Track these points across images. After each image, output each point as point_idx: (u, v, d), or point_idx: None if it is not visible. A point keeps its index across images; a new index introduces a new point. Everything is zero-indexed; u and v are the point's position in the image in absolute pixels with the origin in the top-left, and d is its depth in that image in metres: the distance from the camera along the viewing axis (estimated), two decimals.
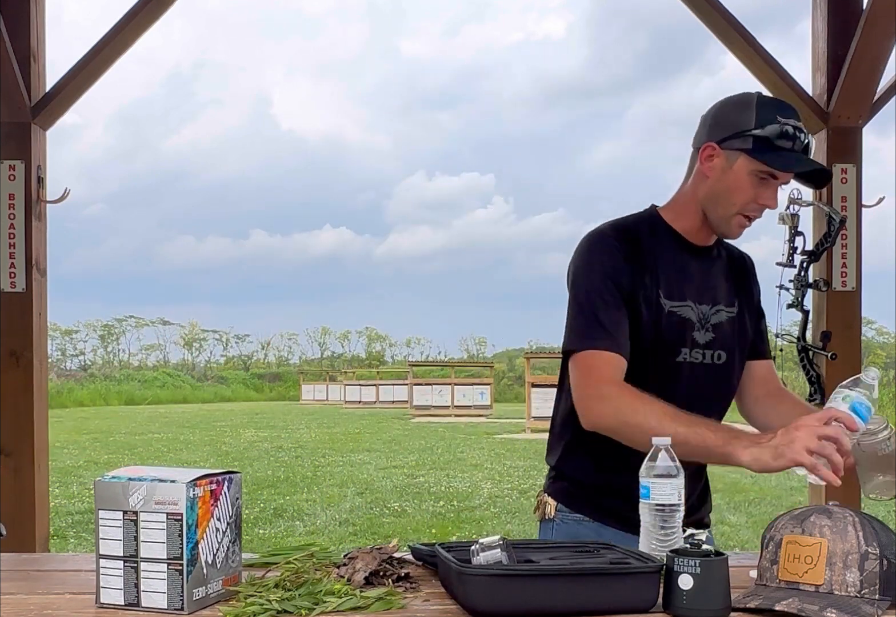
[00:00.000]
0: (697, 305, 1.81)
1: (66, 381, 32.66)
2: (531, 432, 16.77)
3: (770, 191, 1.73)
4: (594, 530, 1.82)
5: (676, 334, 1.79)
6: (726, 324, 1.84)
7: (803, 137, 1.70)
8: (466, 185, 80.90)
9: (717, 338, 1.82)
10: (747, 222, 1.77)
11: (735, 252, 1.95)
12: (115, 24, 3.60)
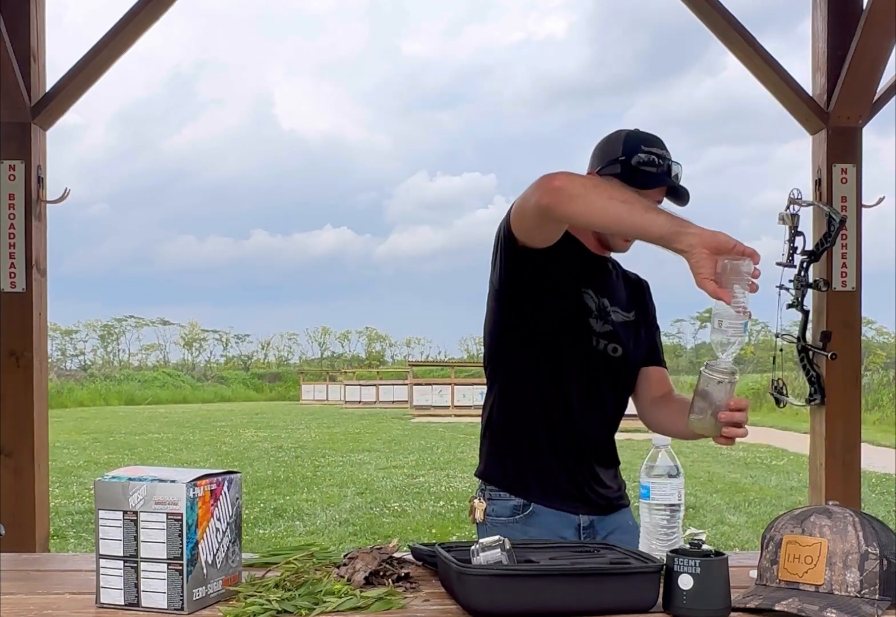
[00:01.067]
0: (598, 297, 1.96)
1: (66, 381, 32.64)
2: None
3: None
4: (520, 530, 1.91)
5: (579, 316, 1.93)
6: (622, 324, 2.00)
7: (665, 163, 1.93)
8: (467, 186, 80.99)
9: (614, 331, 1.97)
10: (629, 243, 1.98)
11: (630, 275, 2.14)
12: (116, 24, 3.60)
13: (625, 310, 2.03)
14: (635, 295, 2.10)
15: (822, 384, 3.75)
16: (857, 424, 3.80)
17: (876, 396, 19.94)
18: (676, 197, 1.96)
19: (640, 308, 2.09)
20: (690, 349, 51.54)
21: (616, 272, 2.08)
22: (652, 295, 2.17)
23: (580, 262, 1.97)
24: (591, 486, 2.00)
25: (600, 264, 2.04)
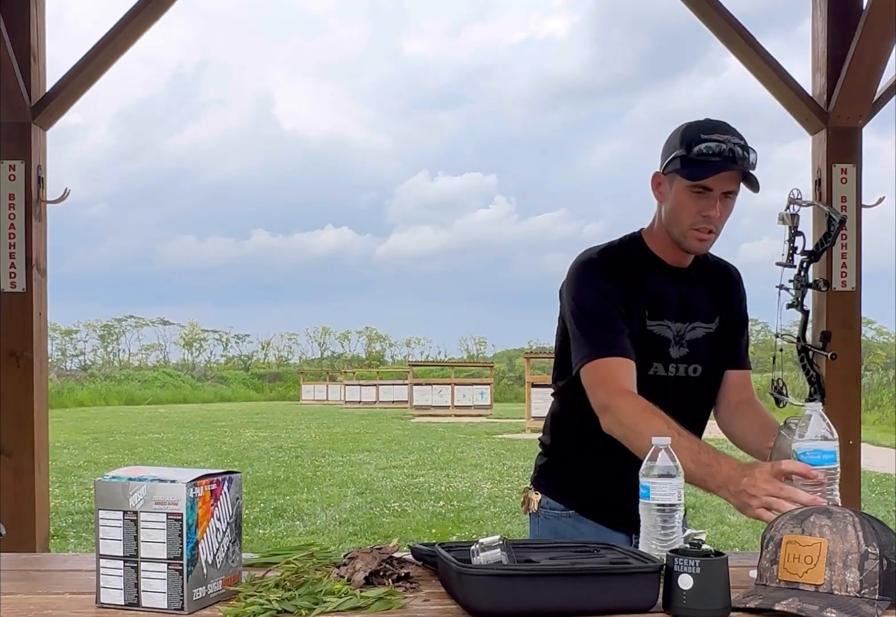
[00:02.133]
0: (674, 324, 1.96)
1: (66, 381, 32.65)
2: (531, 432, 16.76)
3: (708, 202, 1.86)
4: (571, 525, 1.98)
5: (652, 350, 1.93)
6: (703, 339, 1.99)
7: (726, 147, 1.82)
8: (468, 186, 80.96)
9: (692, 353, 1.96)
10: (703, 235, 1.89)
11: (720, 266, 2.09)
12: (116, 24, 3.60)
13: (707, 321, 2.00)
14: (721, 295, 2.05)
15: (822, 384, 3.74)
16: (857, 424, 3.80)
17: (876, 396, 19.94)
18: (746, 182, 1.88)
19: (726, 309, 2.05)
20: None
21: (700, 278, 2.02)
22: (741, 283, 2.12)
23: (657, 289, 1.94)
24: None
25: (680, 279, 1.98)
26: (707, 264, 2.06)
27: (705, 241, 1.91)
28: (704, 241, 1.91)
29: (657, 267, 1.97)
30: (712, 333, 2.00)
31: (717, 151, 1.81)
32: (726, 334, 2.04)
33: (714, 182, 1.84)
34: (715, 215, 1.86)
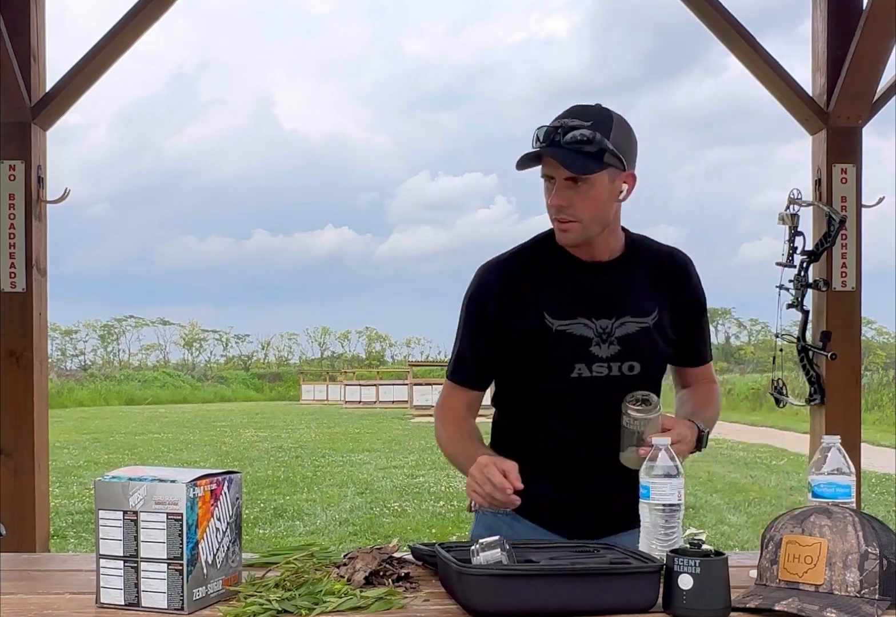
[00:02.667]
0: (594, 321, 1.84)
1: (66, 381, 32.63)
2: None
3: (553, 191, 1.77)
4: (507, 523, 1.93)
5: (569, 351, 1.84)
6: (638, 335, 1.86)
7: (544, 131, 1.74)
8: (469, 186, 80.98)
9: (625, 350, 1.85)
10: (562, 225, 1.80)
11: (661, 254, 1.95)
12: (116, 24, 3.60)
13: (640, 315, 1.87)
14: (661, 285, 1.91)
15: (822, 384, 3.75)
16: (857, 424, 3.80)
17: (876, 396, 19.94)
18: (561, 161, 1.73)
19: (669, 300, 1.91)
20: None
21: (628, 270, 1.89)
22: (689, 270, 1.97)
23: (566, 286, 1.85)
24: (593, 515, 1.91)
25: (599, 273, 1.87)
26: (642, 253, 1.92)
27: (566, 232, 1.80)
28: (565, 232, 1.80)
29: (569, 264, 1.86)
30: (649, 328, 1.87)
31: (539, 137, 1.75)
32: (676, 327, 1.92)
33: (549, 169, 1.76)
34: (555, 203, 1.76)
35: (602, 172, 1.74)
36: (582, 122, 1.73)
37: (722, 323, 51.51)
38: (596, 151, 1.72)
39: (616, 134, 1.75)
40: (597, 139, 1.72)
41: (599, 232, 1.81)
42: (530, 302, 1.84)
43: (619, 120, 1.79)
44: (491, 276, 1.89)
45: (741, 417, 21.89)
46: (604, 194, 1.77)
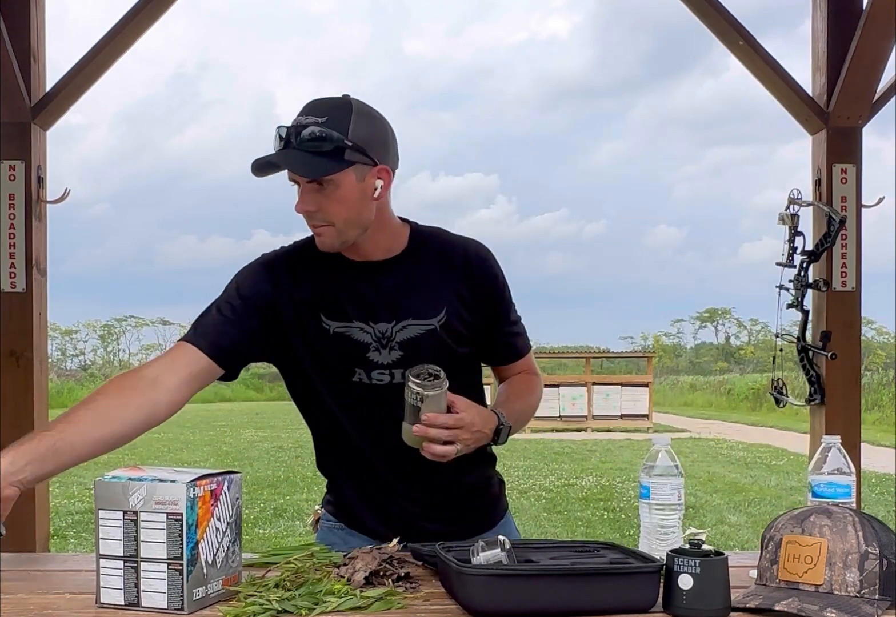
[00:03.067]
0: (372, 325, 1.71)
1: (66, 381, 32.59)
2: (531, 432, 16.76)
3: (298, 196, 1.65)
4: (341, 537, 1.85)
5: (344, 357, 1.72)
6: (422, 339, 1.72)
7: (292, 130, 1.59)
8: (470, 186, 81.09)
9: (408, 356, 1.70)
10: (316, 231, 1.68)
11: (452, 249, 1.78)
12: (116, 24, 3.60)
13: (424, 317, 1.72)
14: (450, 283, 1.75)
15: (822, 384, 3.75)
16: (857, 424, 3.80)
17: (876, 396, 19.94)
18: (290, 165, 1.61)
19: (462, 298, 1.75)
20: (690, 349, 51.61)
21: (409, 269, 1.74)
22: (486, 263, 1.78)
23: (340, 288, 1.72)
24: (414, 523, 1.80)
25: (376, 274, 1.73)
26: (428, 249, 1.77)
27: (322, 236, 1.66)
28: (322, 236, 1.67)
29: (340, 265, 1.72)
30: (435, 330, 1.72)
31: (281, 138, 1.61)
32: (473, 325, 1.76)
33: (291, 173, 1.63)
34: (300, 209, 1.64)
35: (346, 171, 1.60)
36: (316, 118, 1.59)
37: (722, 323, 51.54)
38: (333, 149, 1.57)
39: (357, 127, 1.59)
40: (333, 137, 1.57)
41: (359, 234, 1.67)
42: (307, 302, 1.72)
43: (360, 111, 1.62)
44: (261, 272, 1.75)
45: (741, 417, 21.89)
46: (353, 194, 1.62)
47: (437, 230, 1.82)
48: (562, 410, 17.33)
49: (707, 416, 22.71)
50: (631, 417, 17.40)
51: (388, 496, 1.81)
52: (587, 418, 17.40)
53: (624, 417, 17.41)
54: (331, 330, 1.72)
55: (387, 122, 1.68)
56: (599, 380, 18.20)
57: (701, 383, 31.45)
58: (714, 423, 19.97)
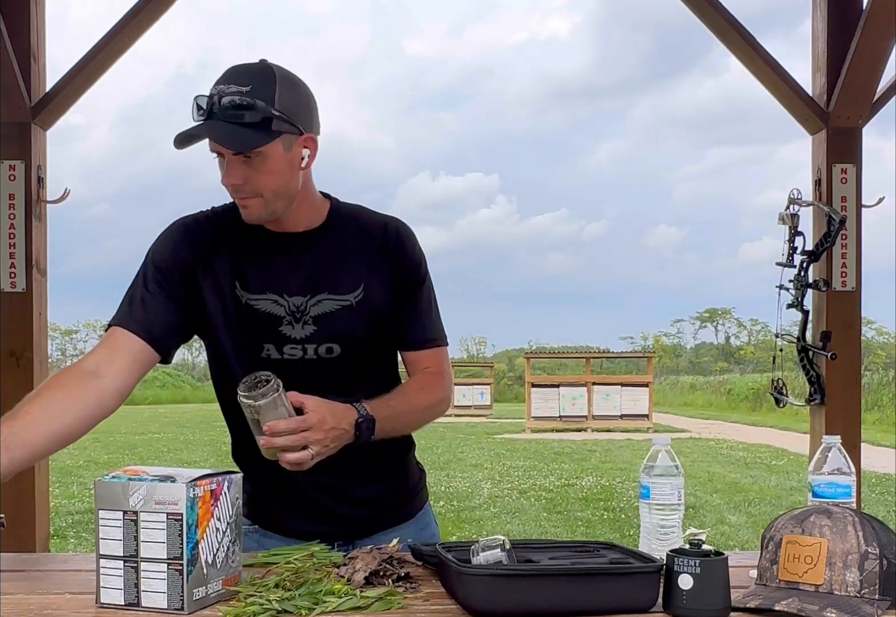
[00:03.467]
0: (287, 298, 1.66)
1: None
2: (531, 432, 16.78)
3: (225, 169, 1.59)
4: (256, 540, 1.78)
5: (256, 329, 1.67)
6: (338, 314, 1.67)
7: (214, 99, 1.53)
8: (470, 186, 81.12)
9: (321, 331, 1.66)
10: (242, 202, 1.63)
11: (372, 225, 1.74)
12: (116, 24, 3.61)
13: (340, 292, 1.67)
14: (368, 259, 1.70)
15: (822, 384, 3.75)
16: (857, 424, 3.80)
17: (876, 396, 19.95)
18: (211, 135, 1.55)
19: (380, 275, 1.71)
20: (690, 349, 51.62)
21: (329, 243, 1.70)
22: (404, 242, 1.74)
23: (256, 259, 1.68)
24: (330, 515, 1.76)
25: (296, 246, 1.68)
26: (349, 224, 1.73)
27: (248, 208, 1.62)
28: (248, 208, 1.62)
29: (260, 236, 1.68)
30: (351, 306, 1.67)
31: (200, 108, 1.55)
32: (389, 305, 1.71)
33: (215, 144, 1.57)
34: (227, 183, 1.59)
35: (274, 141, 1.55)
36: (240, 87, 1.53)
37: (722, 323, 51.55)
38: (260, 120, 1.52)
39: (283, 95, 1.55)
40: (259, 106, 1.52)
41: (286, 205, 1.63)
42: (222, 270, 1.67)
43: (285, 78, 1.58)
44: (178, 236, 1.71)
45: (741, 417, 21.90)
46: (281, 165, 1.58)
47: (357, 207, 1.77)
48: (562, 410, 17.34)
49: (707, 416, 22.73)
50: (631, 417, 17.41)
51: (299, 486, 1.73)
52: (587, 418, 17.41)
53: (624, 417, 17.42)
54: (243, 300, 1.67)
55: (308, 88, 1.64)
56: (599, 380, 18.22)
57: (701, 383, 31.47)
58: (714, 423, 19.98)
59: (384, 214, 1.78)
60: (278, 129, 1.55)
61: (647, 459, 1.53)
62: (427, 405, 1.75)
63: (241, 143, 1.53)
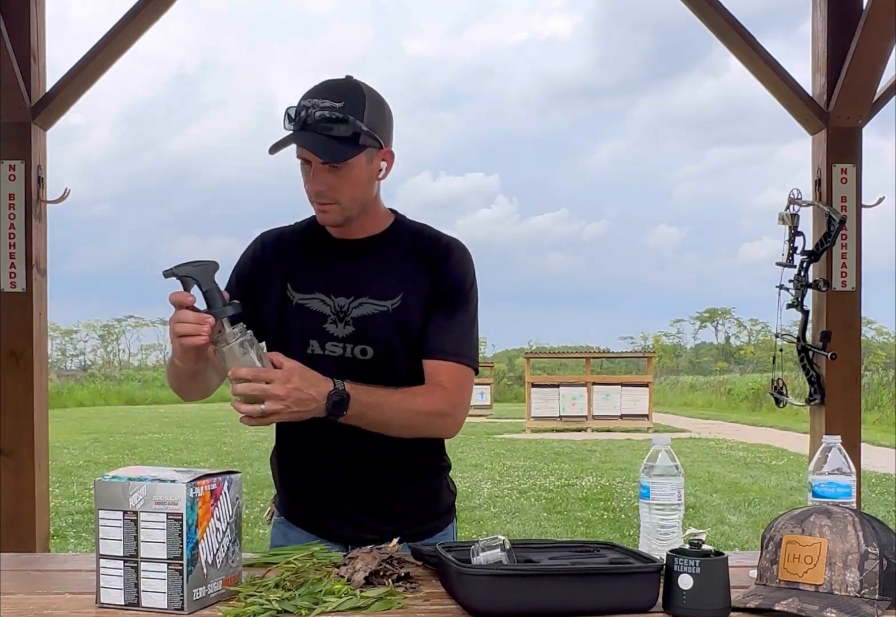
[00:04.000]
0: (333, 298, 1.78)
1: (66, 381, 32.60)
2: (531, 432, 16.77)
3: (308, 176, 1.72)
4: (282, 532, 1.89)
5: (303, 327, 1.78)
6: (374, 318, 1.76)
7: (295, 112, 1.67)
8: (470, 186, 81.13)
9: (358, 332, 1.76)
10: (321, 207, 1.75)
11: (429, 242, 1.83)
12: (116, 24, 3.61)
13: (381, 298, 1.77)
14: (413, 272, 1.79)
15: (822, 384, 3.75)
16: (857, 424, 3.80)
17: (876, 396, 19.94)
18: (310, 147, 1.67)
19: (423, 289, 1.79)
20: (690, 349, 51.61)
21: (382, 251, 1.81)
22: (450, 262, 1.81)
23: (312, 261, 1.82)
24: (354, 514, 1.83)
25: (349, 251, 1.81)
26: (405, 237, 1.83)
27: (326, 213, 1.75)
28: (326, 213, 1.75)
29: (322, 241, 1.82)
30: (388, 312, 1.76)
31: (295, 118, 1.67)
32: (420, 314, 1.78)
33: (304, 152, 1.69)
34: (313, 189, 1.71)
35: (360, 154, 1.68)
36: (333, 102, 1.65)
37: (722, 323, 51.55)
38: (350, 135, 1.65)
39: (370, 112, 1.68)
40: (350, 121, 1.64)
41: (359, 212, 1.76)
42: (280, 272, 1.81)
43: (371, 96, 1.70)
44: (256, 244, 1.88)
45: (741, 417, 21.89)
46: (363, 176, 1.72)
47: (422, 225, 1.87)
48: (562, 410, 17.33)
49: (707, 416, 22.72)
50: (631, 417, 17.39)
51: (332, 494, 1.82)
52: (587, 418, 17.40)
53: (624, 417, 17.40)
54: (294, 301, 1.80)
55: (388, 105, 1.77)
56: (599, 380, 18.20)
57: (701, 383, 31.45)
58: (714, 423, 19.97)
59: (447, 235, 1.86)
60: (364, 144, 1.68)
61: (647, 459, 1.53)
62: (418, 411, 1.73)
63: (332, 155, 1.66)
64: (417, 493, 1.87)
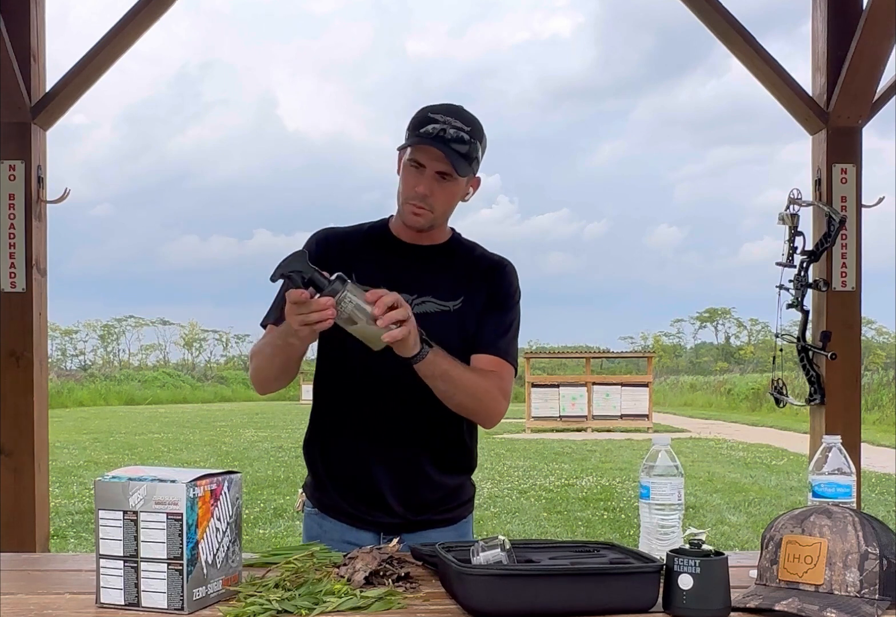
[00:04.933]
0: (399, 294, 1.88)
1: (66, 381, 32.60)
2: (531, 432, 16.78)
3: (420, 178, 1.87)
4: (317, 523, 1.98)
5: None
6: (435, 316, 1.92)
7: (439, 127, 1.84)
8: None
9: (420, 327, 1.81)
10: (417, 209, 1.89)
11: (484, 259, 2.03)
12: (116, 24, 3.60)
13: (443, 298, 1.94)
14: (469, 280, 1.98)
15: (822, 384, 3.75)
16: (857, 424, 3.80)
17: (876, 396, 19.95)
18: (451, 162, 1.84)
19: (474, 294, 1.97)
20: (690, 349, 51.62)
21: (443, 258, 1.99)
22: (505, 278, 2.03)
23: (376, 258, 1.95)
24: (393, 498, 1.92)
25: (413, 254, 1.97)
26: (462, 251, 2.03)
27: (419, 216, 1.90)
28: (418, 216, 1.90)
29: (387, 242, 1.98)
30: (449, 312, 1.93)
31: (430, 130, 1.84)
32: (476, 318, 1.96)
33: (425, 159, 1.85)
34: (422, 191, 1.86)
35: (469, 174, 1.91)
36: (464, 126, 1.86)
37: (722, 323, 51.57)
38: (472, 159, 1.88)
39: (483, 144, 1.92)
40: (473, 148, 1.87)
41: (440, 223, 1.96)
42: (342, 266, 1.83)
43: (483, 130, 1.92)
44: (319, 237, 1.99)
45: (741, 417, 21.90)
46: (459, 193, 1.94)
47: (475, 243, 2.07)
48: (562, 410, 17.34)
49: (707, 416, 22.73)
50: (631, 417, 17.40)
51: (364, 476, 1.92)
52: (587, 418, 17.41)
53: (624, 417, 17.41)
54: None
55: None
56: (599, 380, 18.21)
57: (701, 383, 31.47)
58: (714, 423, 19.97)
59: (497, 254, 2.07)
60: (473, 168, 1.90)
61: (646, 459, 1.53)
62: (477, 383, 1.88)
63: (462, 170, 1.85)
64: (449, 483, 1.98)
